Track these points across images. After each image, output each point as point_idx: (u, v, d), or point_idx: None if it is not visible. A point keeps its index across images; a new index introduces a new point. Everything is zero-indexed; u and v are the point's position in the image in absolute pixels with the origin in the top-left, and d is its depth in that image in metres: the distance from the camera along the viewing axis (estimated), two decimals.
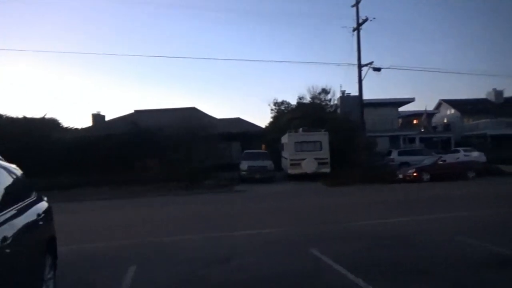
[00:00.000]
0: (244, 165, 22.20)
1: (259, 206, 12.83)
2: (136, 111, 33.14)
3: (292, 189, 18.54)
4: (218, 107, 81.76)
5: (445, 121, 47.06)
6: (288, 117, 29.53)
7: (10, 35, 69.41)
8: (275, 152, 26.97)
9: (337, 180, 20.19)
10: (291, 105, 35.92)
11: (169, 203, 14.62)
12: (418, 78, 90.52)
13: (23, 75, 73.27)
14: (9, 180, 4.02)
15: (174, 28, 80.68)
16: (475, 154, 27.73)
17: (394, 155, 27.43)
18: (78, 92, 75.69)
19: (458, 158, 25.93)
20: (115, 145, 23.83)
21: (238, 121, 32.23)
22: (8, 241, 3.17)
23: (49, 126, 28.85)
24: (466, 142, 37.21)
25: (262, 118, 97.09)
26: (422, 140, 38.25)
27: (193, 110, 30.93)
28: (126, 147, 23.60)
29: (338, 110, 34.51)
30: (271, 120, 36.71)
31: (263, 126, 36.79)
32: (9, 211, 3.53)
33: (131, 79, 78.45)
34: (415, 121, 43.89)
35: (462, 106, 46.47)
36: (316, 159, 21.90)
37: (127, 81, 78.11)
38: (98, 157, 23.16)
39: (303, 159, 21.89)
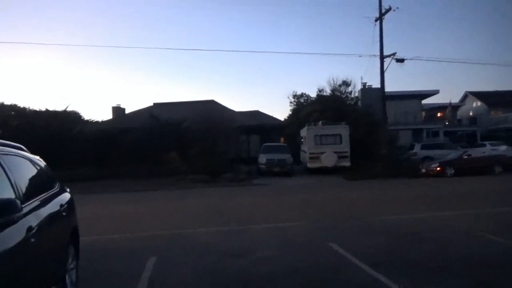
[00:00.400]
0: (262, 158, 22.28)
1: (278, 200, 12.88)
2: (155, 104, 33.59)
3: (311, 183, 18.51)
4: (237, 100, 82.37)
5: (471, 114, 45.91)
6: (307, 110, 29.34)
7: (31, 29, 71.17)
8: (294, 145, 26.91)
9: (358, 174, 20.06)
10: (311, 97, 35.61)
11: (189, 196, 14.82)
12: (443, 69, 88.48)
13: (45, 69, 75.10)
14: (33, 171, 4.16)
15: (192, 20, 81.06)
16: (502, 148, 27.01)
17: (417, 149, 27.00)
18: (99, 85, 77.16)
19: (484, 152, 25.30)
20: (135, 138, 24.28)
21: (257, 114, 32.29)
22: (33, 231, 3.29)
23: (70, 118, 29.53)
24: (493, 135, 36.22)
25: (281, 111, 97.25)
26: (446, 133, 37.49)
27: (212, 103, 31.14)
28: (146, 140, 24.02)
29: (359, 103, 34.05)
30: (290, 113, 36.50)
31: (282, 119, 36.77)
32: (33, 202, 3.65)
33: (150, 72, 79.43)
34: (439, 114, 43.01)
35: (490, 98, 45.16)
36: (336, 152, 21.81)
37: (146, 74, 79.13)
38: (119, 149, 23.65)
39: (323, 153, 21.84)
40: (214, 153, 21.47)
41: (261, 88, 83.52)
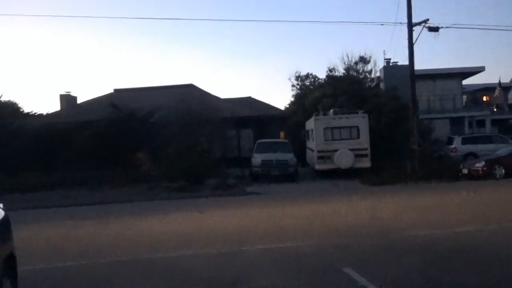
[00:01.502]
0: (257, 159, 22.32)
1: (278, 213, 12.88)
2: (117, 91, 33.54)
3: (321, 190, 18.50)
4: (223, 84, 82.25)
5: None
6: (315, 95, 29.43)
7: None
8: (298, 141, 26.89)
9: (380, 177, 20.14)
10: (319, 79, 35.77)
11: (162, 209, 14.78)
12: (489, 40, 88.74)
13: None
14: None
15: None
16: None
17: (457, 143, 27.18)
18: (42, 68, 76.61)
19: None
20: (92, 135, 24.22)
21: (249, 101, 32.28)
22: None
23: (6, 111, 29.38)
24: None
25: (280, 97, 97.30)
26: (494, 123, 37.71)
27: (191, 88, 31.15)
28: (106, 137, 23.97)
29: (381, 85, 34.18)
30: (293, 99, 36.68)
31: (282, 108, 36.83)
32: None
33: (109, 48, 79.02)
34: (485, 98, 43.13)
35: None
36: (352, 150, 21.91)
37: (104, 51, 78.73)
38: (71, 150, 23.56)
39: (335, 151, 21.91)
40: (195, 153, 21.47)
41: (255, 68, 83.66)
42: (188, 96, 26.31)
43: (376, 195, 15.96)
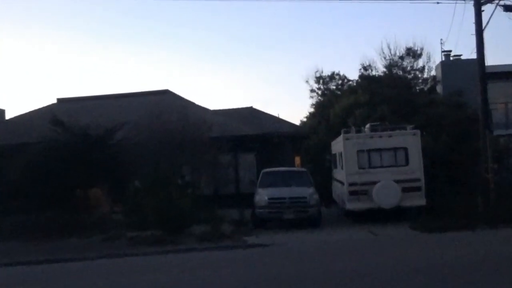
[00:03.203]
0: (262, 196, 22.20)
1: (294, 276, 12.68)
2: (61, 101, 33.62)
3: (355, 241, 18.36)
4: (213, 90, 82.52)
5: None
6: (344, 103, 29.44)
7: None
8: (320, 170, 26.80)
9: (440, 221, 19.96)
10: (350, 81, 35.78)
11: (123, 274, 14.53)
12: None
13: None
14: None
15: None
16: None
17: None
18: None
19: None
20: (27, 163, 24.01)
21: (250, 114, 32.27)
22: None
23: None
24: None
25: (295, 107, 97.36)
26: None
27: (166, 96, 31.19)
28: (48, 165, 23.76)
29: (438, 88, 34.21)
30: (312, 110, 36.65)
31: (298, 123, 36.82)
32: None
33: (50, 47, 79.73)
34: None
35: None
36: (398, 181, 21.77)
37: (43, 56, 79.39)
38: None
39: (374, 183, 21.80)
40: (174, 188, 21.35)
41: (258, 67, 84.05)
42: (163, 107, 26.26)
43: (434, 248, 15.78)
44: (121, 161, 24.04)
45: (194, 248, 18.19)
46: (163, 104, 27.22)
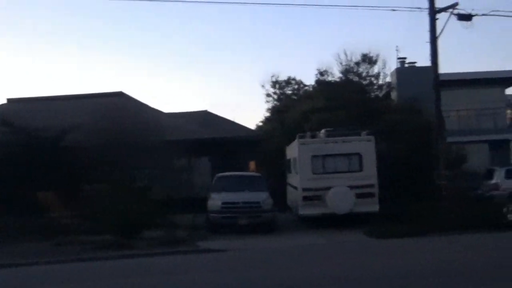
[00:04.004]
0: (216, 201, 22.17)
1: (247, 282, 12.72)
2: (11, 101, 33.13)
3: (309, 247, 18.42)
4: (168, 93, 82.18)
5: None
6: (300, 108, 29.58)
7: None
8: (275, 175, 26.87)
9: (393, 227, 20.24)
10: (306, 86, 36.02)
11: (75, 279, 14.36)
12: None
13: None
14: None
15: None
16: None
17: (499, 177, 27.58)
18: None
19: None
20: None
21: (205, 117, 32.26)
22: None
23: None
24: None
25: (250, 111, 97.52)
26: None
27: (120, 98, 30.96)
28: None
29: (393, 94, 34.65)
30: (268, 115, 36.75)
31: (253, 127, 36.87)
32: None
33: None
34: None
35: None
36: (352, 187, 21.96)
37: None
38: None
39: (328, 189, 21.95)
40: (127, 193, 21.22)
41: (212, 70, 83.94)
42: (117, 109, 26.12)
43: (388, 255, 15.94)
44: (74, 164, 23.81)
45: (148, 253, 18.08)
46: (117, 106, 27.05)
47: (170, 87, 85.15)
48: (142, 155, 24.24)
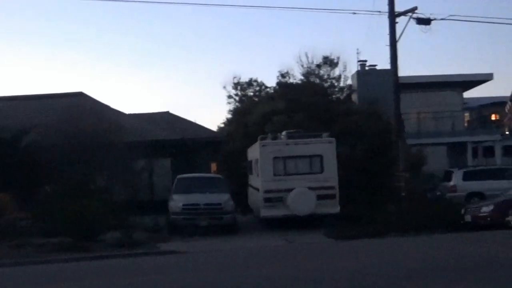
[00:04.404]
0: (176, 202, 22.09)
1: (207, 284, 12.61)
2: None
3: (270, 248, 18.46)
4: (129, 94, 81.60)
5: None
6: (261, 110, 29.56)
7: None
8: (237, 177, 26.82)
9: (353, 228, 20.43)
10: (267, 88, 35.98)
11: (30, 282, 14.09)
12: (499, 38, 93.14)
13: None
14: None
15: None
16: None
17: (457, 179, 27.91)
18: None
19: None
20: None
21: (166, 119, 32.06)
22: None
23: None
24: None
25: (212, 112, 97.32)
26: (507, 151, 38.96)
27: (80, 98, 30.58)
28: None
29: (354, 97, 34.83)
30: (230, 116, 36.65)
31: (215, 128, 36.77)
32: None
33: None
34: (494, 117, 44.76)
35: None
36: (313, 189, 22.03)
37: None
38: None
39: (289, 190, 21.98)
40: (86, 194, 20.99)
41: (174, 71, 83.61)
42: (77, 110, 25.77)
43: (348, 256, 16.03)
44: (31, 165, 23.47)
45: (106, 255, 17.95)
46: (77, 107, 26.66)
47: (131, 88, 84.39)
48: (101, 156, 23.98)
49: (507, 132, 40.17)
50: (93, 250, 18.79)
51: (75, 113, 24.83)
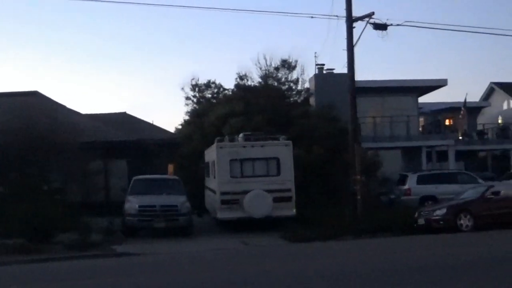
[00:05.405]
0: (132, 204, 21.91)
1: (162, 287, 12.61)
2: None
3: (226, 251, 18.44)
4: (85, 94, 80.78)
5: (500, 121, 49.20)
6: (219, 112, 29.54)
7: None
8: (194, 178, 26.74)
9: (309, 231, 20.54)
10: (225, 90, 35.99)
11: None
12: (454, 44, 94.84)
13: None
14: None
15: None
16: None
17: (411, 182, 28.25)
18: None
19: None
20: None
21: (123, 119, 31.87)
22: None
23: None
24: None
25: (170, 114, 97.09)
26: (460, 155, 39.63)
27: (34, 97, 30.24)
28: None
29: (312, 100, 35.00)
30: (188, 118, 36.52)
31: (172, 130, 36.62)
32: None
33: None
34: (447, 122, 45.47)
35: None
36: (270, 191, 22.08)
37: None
38: None
39: (246, 192, 22.01)
40: (40, 195, 20.72)
41: (132, 71, 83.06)
42: (31, 109, 25.44)
43: (302, 259, 16.09)
44: None
45: (60, 257, 17.74)
46: (31, 106, 26.30)
47: (88, 88, 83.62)
48: (56, 157, 23.69)
49: (460, 137, 40.97)
50: (47, 252, 18.54)
51: (29, 113, 24.49)
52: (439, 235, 20.11)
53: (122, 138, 28.09)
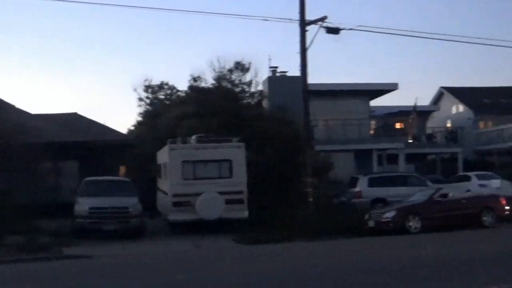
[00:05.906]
0: (82, 205, 21.64)
1: None
2: None
3: (178, 253, 18.38)
4: (35, 93, 79.58)
5: (449, 125, 50.18)
6: (172, 114, 29.42)
7: None
8: (145, 180, 26.56)
9: (261, 233, 20.59)
10: (179, 91, 35.88)
11: None
12: (404, 49, 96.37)
13: None
14: None
15: None
16: (495, 184, 29.81)
17: (362, 185, 28.54)
18: None
19: (469, 190, 27.72)
20: None
21: (73, 120, 31.44)
22: None
23: None
24: (484, 161, 39.88)
25: (122, 115, 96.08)
26: (409, 158, 40.25)
27: None
28: None
29: (265, 103, 35.10)
30: (140, 119, 36.33)
31: (125, 131, 36.32)
32: None
33: None
34: (398, 125, 46.11)
35: (479, 99, 49.84)
36: (222, 193, 22.06)
37: None
38: None
39: (198, 194, 21.94)
40: None
41: (83, 71, 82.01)
42: None
43: (253, 261, 16.20)
44: None
45: (8, 260, 17.32)
46: None
47: (38, 88, 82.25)
48: (2, 157, 23.24)
49: (410, 140, 41.68)
50: None
51: None
52: (388, 237, 20.36)
53: (72, 139, 27.70)
